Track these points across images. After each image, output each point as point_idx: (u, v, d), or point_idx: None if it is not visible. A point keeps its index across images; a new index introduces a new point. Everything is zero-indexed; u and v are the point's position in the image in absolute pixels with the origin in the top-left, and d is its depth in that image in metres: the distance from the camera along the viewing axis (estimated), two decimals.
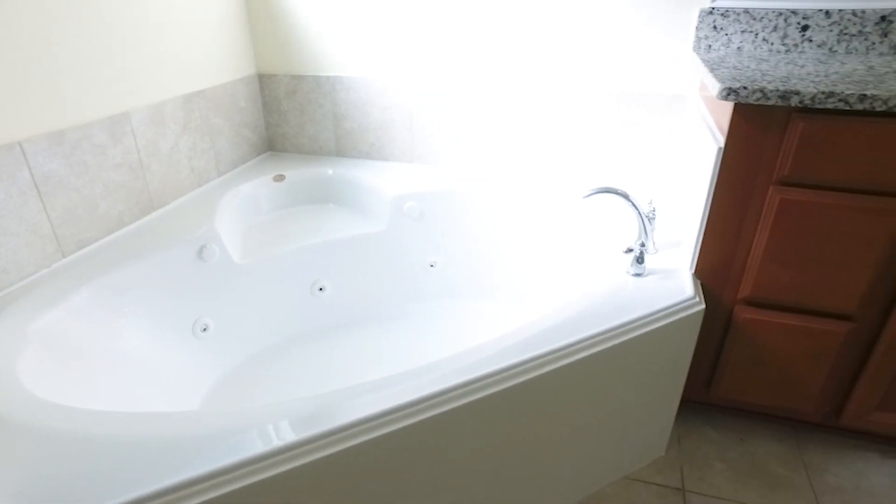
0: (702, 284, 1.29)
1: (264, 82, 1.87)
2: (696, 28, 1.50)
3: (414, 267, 1.82)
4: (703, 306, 1.22)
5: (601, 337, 1.11)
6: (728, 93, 1.07)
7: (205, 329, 1.52)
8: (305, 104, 1.87)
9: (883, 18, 1.40)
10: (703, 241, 1.25)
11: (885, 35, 1.41)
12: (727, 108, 1.16)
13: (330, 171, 1.84)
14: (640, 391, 1.24)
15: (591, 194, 1.33)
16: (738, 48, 1.49)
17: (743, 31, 1.48)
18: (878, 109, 1.02)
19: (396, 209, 1.75)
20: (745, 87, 1.06)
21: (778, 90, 1.05)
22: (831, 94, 1.03)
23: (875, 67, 1.26)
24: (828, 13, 1.42)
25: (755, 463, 1.39)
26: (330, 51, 1.79)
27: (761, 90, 1.05)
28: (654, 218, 1.39)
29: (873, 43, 1.43)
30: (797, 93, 1.04)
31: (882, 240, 1.13)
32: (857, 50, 1.44)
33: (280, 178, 1.79)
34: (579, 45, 1.62)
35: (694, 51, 1.50)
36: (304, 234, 1.70)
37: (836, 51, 1.45)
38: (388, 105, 1.82)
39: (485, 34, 1.67)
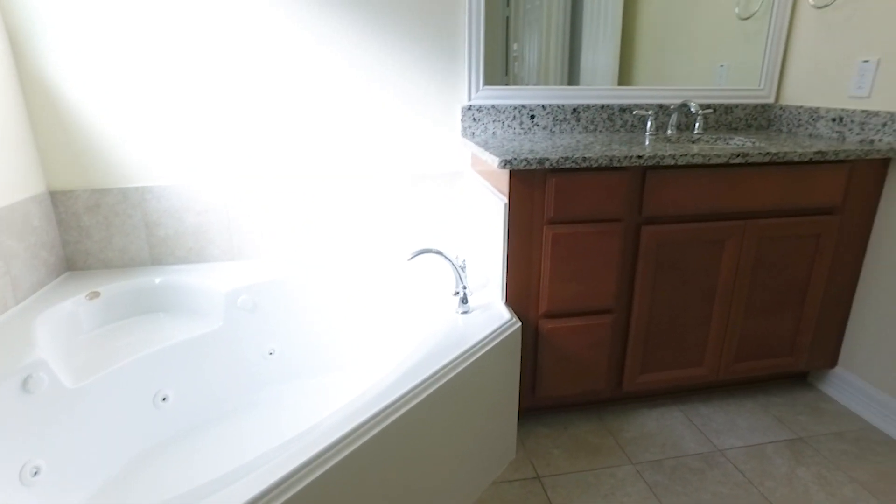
0: (514, 309, 1.66)
1: (59, 199, 1.77)
2: (462, 120, 1.97)
3: (255, 357, 1.86)
4: (518, 324, 1.58)
5: (444, 370, 1.34)
6: (505, 164, 1.49)
7: (36, 473, 1.35)
8: (112, 217, 1.82)
9: (574, 110, 2.04)
10: (507, 276, 1.63)
11: (578, 120, 2.06)
12: (504, 174, 1.58)
13: (157, 280, 1.80)
14: (487, 409, 1.52)
15: (413, 256, 1.62)
16: (493, 133, 2.00)
17: (494, 121, 1.99)
18: (593, 166, 1.54)
19: (230, 305, 1.80)
20: (515, 159, 1.49)
21: (536, 159, 1.50)
22: (566, 158, 1.52)
23: (580, 141, 1.84)
24: (544, 106, 2.01)
25: (579, 441, 1.77)
26: (136, 162, 1.80)
27: (525, 159, 1.50)
28: (465, 267, 1.74)
29: (573, 125, 2.06)
30: (547, 159, 1.51)
31: (615, 252, 1.65)
32: (566, 130, 2.06)
33: (94, 294, 1.69)
34: (379, 140, 1.96)
35: (463, 137, 1.96)
36: (136, 345, 1.63)
37: (554, 131, 2.05)
38: (202, 209, 1.89)
39: (294, 132, 1.90)
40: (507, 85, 1.99)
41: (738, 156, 1.62)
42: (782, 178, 1.69)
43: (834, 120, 1.90)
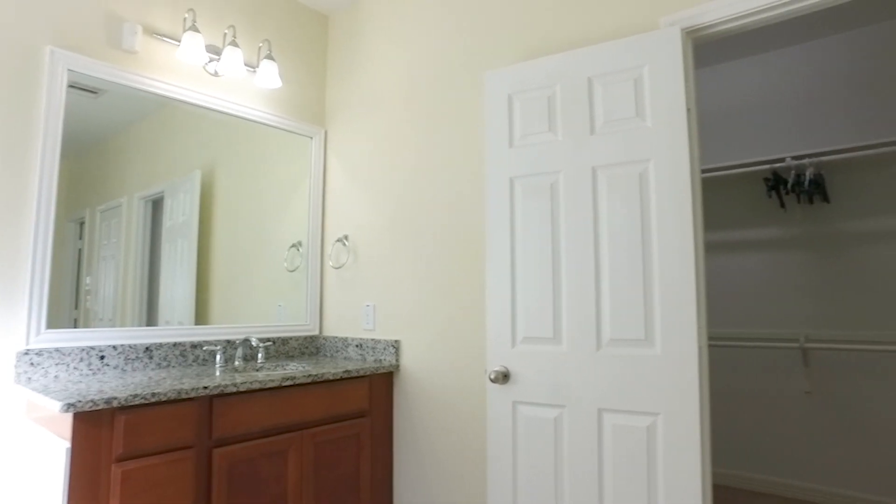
0: None
1: None
2: (15, 367, 1.86)
3: None
4: None
5: None
6: (68, 407, 1.52)
7: None
8: None
9: (147, 349, 2.19)
10: None
11: (151, 358, 2.20)
12: (67, 418, 1.58)
13: None
14: None
15: None
16: (56, 377, 1.94)
17: (57, 364, 1.95)
18: (163, 400, 1.71)
19: None
20: (80, 401, 1.54)
21: (103, 399, 1.58)
22: (136, 395, 1.65)
23: (152, 377, 1.99)
24: (115, 347, 2.10)
25: None
26: None
27: (92, 400, 1.56)
28: None
29: (146, 363, 2.19)
30: (115, 398, 1.61)
31: (189, 478, 1.77)
32: (138, 368, 2.16)
33: None
34: None
35: (17, 383, 1.84)
36: None
37: (126, 370, 2.12)
38: None
39: None
40: (75, 322, 2.02)
41: (288, 379, 2.04)
42: (325, 393, 2.17)
43: (358, 346, 2.60)
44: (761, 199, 3.40)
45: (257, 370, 2.34)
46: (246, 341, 2.37)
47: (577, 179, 1.89)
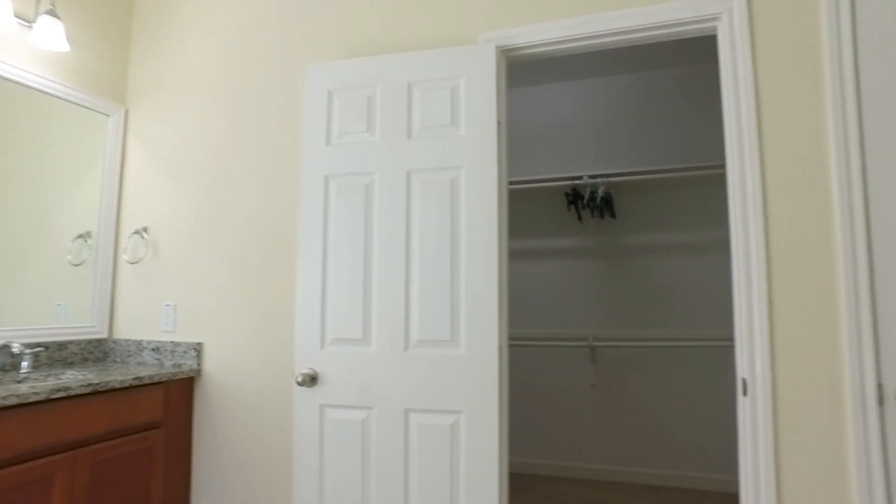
0: None
1: None
2: None
3: None
4: None
5: None
6: None
7: None
8: None
9: None
10: None
11: None
12: None
13: None
14: None
15: None
16: None
17: None
18: None
19: None
20: None
21: None
22: None
23: None
24: None
25: None
26: None
27: None
28: None
29: None
30: None
31: None
32: None
33: None
34: None
35: None
36: None
37: None
38: None
39: None
40: None
41: (61, 390, 1.77)
42: (109, 405, 1.92)
43: (154, 349, 2.34)
44: (562, 212, 3.77)
45: (19, 382, 1.99)
46: (5, 347, 2.00)
47: (392, 182, 1.91)
